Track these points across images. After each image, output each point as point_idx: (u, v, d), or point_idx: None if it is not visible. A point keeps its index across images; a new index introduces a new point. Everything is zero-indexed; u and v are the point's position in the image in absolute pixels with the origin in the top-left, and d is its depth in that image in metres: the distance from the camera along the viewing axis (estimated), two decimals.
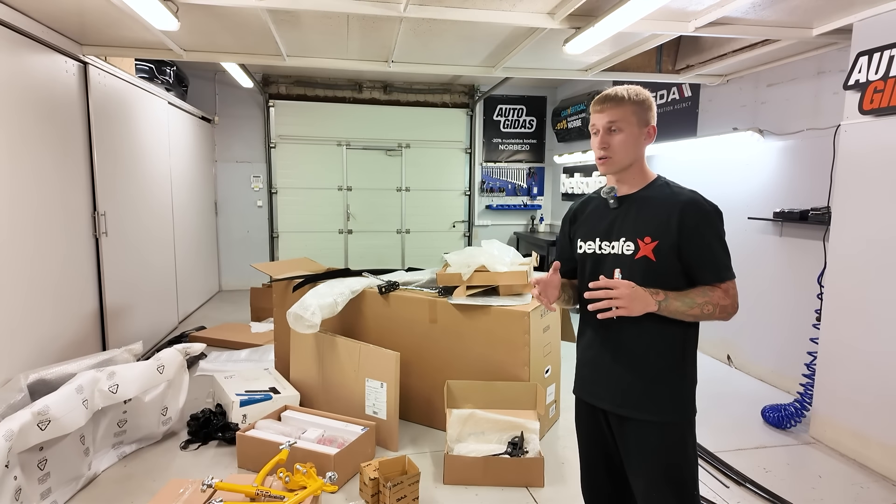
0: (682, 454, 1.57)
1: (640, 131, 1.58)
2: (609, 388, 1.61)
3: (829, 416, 3.17)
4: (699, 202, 1.53)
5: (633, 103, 1.56)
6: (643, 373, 1.55)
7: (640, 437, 1.56)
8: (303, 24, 3.25)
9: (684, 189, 1.58)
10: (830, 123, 3.42)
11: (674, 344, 1.55)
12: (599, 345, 1.63)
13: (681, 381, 1.57)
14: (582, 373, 1.72)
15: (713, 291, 1.50)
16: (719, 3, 2.81)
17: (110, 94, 4.01)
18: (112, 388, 2.78)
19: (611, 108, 1.56)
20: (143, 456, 3.01)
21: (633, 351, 1.56)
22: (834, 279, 3.14)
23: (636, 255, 1.53)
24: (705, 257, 1.51)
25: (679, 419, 1.56)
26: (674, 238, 1.50)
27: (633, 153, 1.58)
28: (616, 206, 1.61)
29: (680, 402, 1.57)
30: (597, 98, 1.61)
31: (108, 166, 3.97)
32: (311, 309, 3.17)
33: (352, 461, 2.76)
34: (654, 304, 1.46)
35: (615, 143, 1.56)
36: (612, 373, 1.60)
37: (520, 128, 7.82)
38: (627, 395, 1.57)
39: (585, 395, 1.70)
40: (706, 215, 1.52)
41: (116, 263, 4.07)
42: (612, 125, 1.55)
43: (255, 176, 7.31)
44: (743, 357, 4.41)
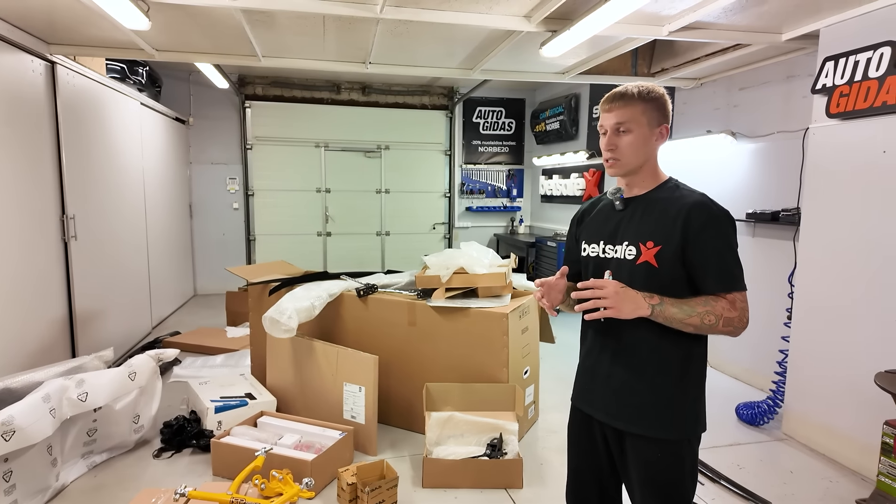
0: (679, 473, 1.49)
1: (651, 132, 1.48)
2: (604, 398, 1.55)
3: (801, 413, 3.24)
4: (708, 205, 1.44)
5: (643, 102, 1.46)
6: (639, 386, 1.48)
7: (635, 451, 1.51)
8: (278, 24, 3.22)
9: (694, 191, 1.50)
10: (800, 126, 3.50)
11: (675, 358, 1.47)
12: (598, 352, 1.57)
13: (681, 397, 1.48)
14: (580, 380, 1.66)
15: (717, 301, 1.39)
16: (692, 7, 2.86)
17: (80, 94, 3.91)
18: (81, 397, 2.70)
19: (619, 108, 1.47)
20: (114, 465, 2.93)
21: (631, 362, 1.49)
22: (804, 278, 3.22)
23: (637, 260, 1.45)
24: (710, 264, 1.41)
25: (677, 437, 1.48)
26: (677, 243, 1.41)
27: (642, 155, 1.49)
28: (622, 209, 1.54)
29: (678, 420, 1.48)
30: (606, 97, 1.52)
31: (78, 168, 3.87)
32: (288, 313, 3.12)
33: (329, 466, 2.73)
34: (646, 307, 1.37)
35: (623, 144, 1.48)
36: (609, 383, 1.53)
37: (499, 130, 7.85)
38: (622, 407, 1.51)
39: (581, 403, 1.64)
40: (714, 219, 1.42)
41: (86, 268, 3.97)
42: (619, 126, 1.47)
43: (231, 178, 7.20)
44: (718, 356, 4.48)
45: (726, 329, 1.40)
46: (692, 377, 1.51)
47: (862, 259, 2.84)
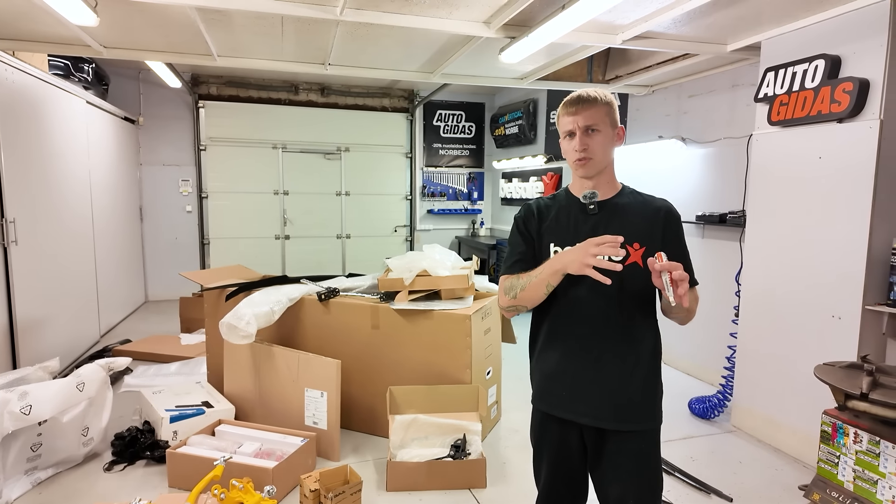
0: (657, 459, 1.61)
1: (613, 132, 1.57)
2: (591, 401, 1.54)
3: (748, 406, 3.40)
4: (674, 211, 1.60)
5: (605, 104, 1.55)
6: (630, 383, 1.53)
7: (620, 447, 1.54)
8: (235, 24, 3.15)
9: (654, 196, 1.63)
10: (744, 133, 3.68)
11: (652, 352, 1.57)
12: (581, 356, 1.55)
13: (657, 388, 1.60)
14: (552, 387, 1.61)
15: (692, 292, 1.53)
16: (643, 18, 2.97)
17: (19, 91, 3.71)
18: (24, 410, 2.57)
19: (586, 110, 1.53)
20: (61, 481, 2.79)
21: (619, 363, 1.52)
22: (749, 277, 3.38)
23: (626, 261, 1.49)
24: (685, 262, 1.52)
25: (657, 425, 1.59)
26: (658, 245, 1.50)
27: (609, 154, 1.58)
28: (595, 212, 1.56)
29: (658, 409, 1.60)
30: (568, 100, 1.57)
31: (18, 170, 3.67)
32: (246, 318, 3.06)
33: (291, 474, 2.68)
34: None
35: (594, 144, 1.53)
36: (595, 386, 1.53)
37: (459, 133, 7.91)
38: (612, 407, 1.52)
39: (557, 410, 1.60)
40: (680, 223, 1.60)
41: (28, 274, 3.76)
42: (590, 126, 1.52)
43: (184, 180, 6.98)
44: (671, 352, 4.65)
45: (691, 316, 1.56)
46: (658, 366, 1.62)
47: (802, 258, 3.01)
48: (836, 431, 2.33)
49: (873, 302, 2.69)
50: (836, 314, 2.84)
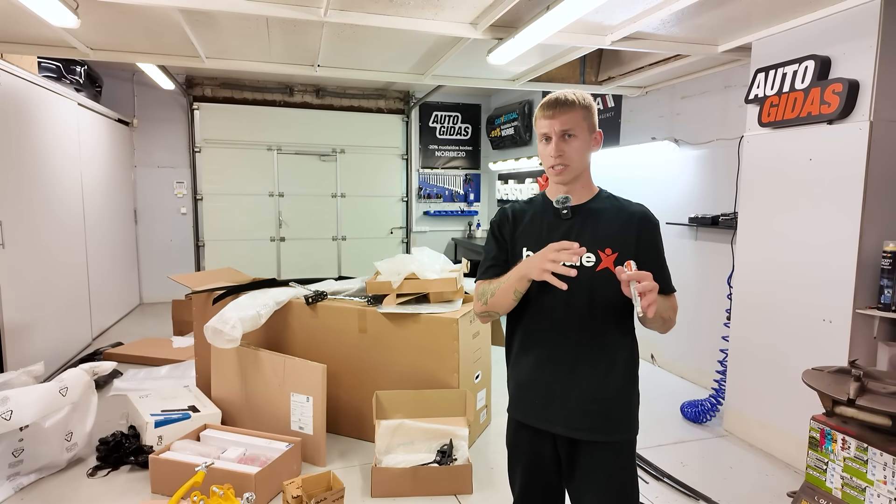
0: (632, 469, 1.57)
1: (590, 137, 1.52)
2: (563, 411, 1.50)
3: (740, 410, 3.36)
4: (650, 215, 1.56)
5: (582, 108, 1.50)
6: (604, 393, 1.49)
7: (593, 458, 1.51)
8: (220, 25, 3.13)
9: (632, 202, 1.58)
10: (736, 134, 3.65)
11: (628, 360, 1.54)
12: (554, 365, 1.52)
13: (632, 398, 1.56)
14: (526, 396, 1.58)
15: (670, 299, 1.52)
16: (631, 19, 2.94)
17: (7, 93, 3.69)
18: (5, 415, 2.55)
19: (563, 114, 1.48)
20: (43, 487, 2.77)
21: (593, 372, 1.49)
22: (741, 280, 3.35)
23: (597, 266, 1.47)
24: (658, 269, 1.46)
25: (631, 436, 1.56)
26: (632, 251, 1.46)
27: (586, 159, 1.53)
28: (569, 217, 1.52)
29: (632, 420, 1.56)
30: (545, 103, 1.52)
31: (6, 172, 3.65)
32: (232, 322, 3.03)
33: (275, 480, 2.65)
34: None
35: (571, 149, 1.48)
36: (568, 395, 1.50)
37: (455, 134, 7.89)
38: (585, 417, 1.49)
39: (529, 418, 1.57)
40: (656, 229, 1.56)
41: (15, 277, 3.74)
42: (566, 132, 1.48)
43: (179, 182, 6.96)
44: (665, 356, 4.62)
45: (670, 325, 1.52)
46: (636, 377, 1.59)
47: (793, 261, 2.98)
48: (824, 437, 2.29)
49: (864, 305, 2.65)
50: (826, 318, 2.80)
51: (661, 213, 4.32)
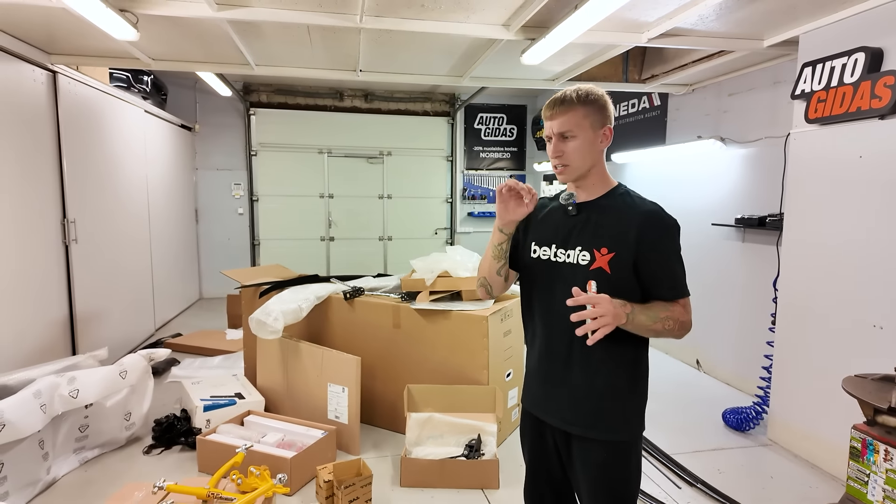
0: (625, 472, 1.53)
1: (595, 134, 1.47)
2: (558, 403, 1.54)
3: (785, 419, 3.23)
4: (661, 215, 1.46)
5: (583, 105, 1.45)
6: (594, 391, 1.49)
7: (584, 454, 1.52)
8: (265, 34, 3.32)
9: (646, 200, 1.50)
10: (785, 132, 3.50)
11: (626, 362, 1.50)
12: (551, 359, 1.55)
13: (630, 400, 1.52)
14: (530, 385, 1.65)
15: (673, 307, 1.44)
16: (668, 15, 2.89)
17: (81, 102, 4.05)
18: (72, 393, 2.80)
19: (560, 114, 1.46)
20: (104, 461, 3.02)
21: (587, 369, 1.49)
22: (786, 284, 3.21)
23: (591, 265, 1.45)
24: (664, 273, 1.45)
25: (626, 438, 1.51)
26: (632, 251, 1.42)
27: (589, 159, 1.49)
28: (575, 214, 1.52)
29: (628, 422, 1.51)
30: (547, 103, 1.50)
31: (79, 174, 4.01)
32: (274, 314, 3.20)
33: (309, 465, 2.79)
34: (623, 316, 1.36)
35: (569, 150, 1.47)
36: (562, 389, 1.53)
37: (500, 136, 7.91)
38: (577, 413, 1.51)
39: (533, 407, 1.63)
40: (667, 229, 1.45)
41: (87, 270, 4.09)
42: (564, 132, 1.46)
43: (237, 183, 7.34)
44: (710, 361, 4.47)
45: (680, 332, 1.45)
46: (640, 379, 1.54)
47: (841, 264, 2.84)
48: (865, 448, 2.18)
49: None
50: (877, 324, 2.66)
51: (706, 213, 4.28)
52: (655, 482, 2.84)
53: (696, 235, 4.46)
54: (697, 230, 4.45)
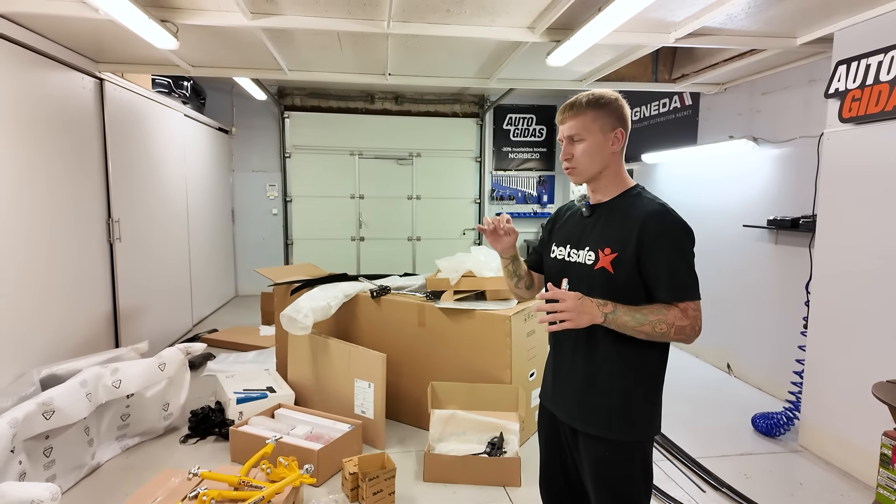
0: (628, 472, 1.53)
1: (606, 137, 1.50)
2: (565, 398, 1.60)
3: (816, 425, 3.15)
4: (663, 215, 1.45)
5: (593, 109, 1.49)
6: (595, 388, 1.52)
7: (588, 450, 1.56)
8: (296, 40, 3.44)
9: (655, 201, 1.50)
10: (820, 131, 3.42)
11: (630, 362, 1.50)
12: (562, 352, 1.61)
13: (635, 401, 1.51)
14: (545, 380, 1.73)
15: (669, 310, 1.41)
16: (695, 14, 2.87)
17: (125, 107, 4.26)
18: (115, 383, 2.97)
19: (570, 118, 1.51)
20: (144, 449, 3.18)
21: (590, 366, 1.53)
22: (819, 287, 3.14)
23: (595, 265, 1.49)
24: (662, 273, 1.43)
25: (629, 439, 1.51)
26: (632, 251, 1.44)
27: (598, 161, 1.52)
28: (588, 215, 1.57)
29: (631, 422, 1.51)
30: (560, 107, 1.57)
31: (123, 176, 4.21)
32: (304, 311, 3.31)
33: (336, 457, 2.87)
34: (599, 315, 1.40)
35: (578, 153, 1.51)
36: (569, 384, 1.58)
37: (530, 136, 7.90)
38: (580, 408, 1.55)
39: (547, 401, 1.70)
40: (668, 229, 1.44)
41: (130, 268, 4.30)
42: (573, 136, 1.51)
43: (271, 185, 7.56)
44: (742, 365, 4.38)
45: (678, 337, 1.42)
46: (647, 380, 1.54)
47: (877, 267, 2.76)
48: None
49: None
50: None
51: (738, 214, 4.22)
52: (679, 485, 2.83)
53: (728, 237, 4.39)
54: (728, 231, 4.37)
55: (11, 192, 3.01)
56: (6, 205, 2.96)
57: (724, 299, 4.41)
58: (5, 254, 2.95)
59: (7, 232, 2.97)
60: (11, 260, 3.00)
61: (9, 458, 2.35)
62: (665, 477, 2.90)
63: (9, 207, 2.98)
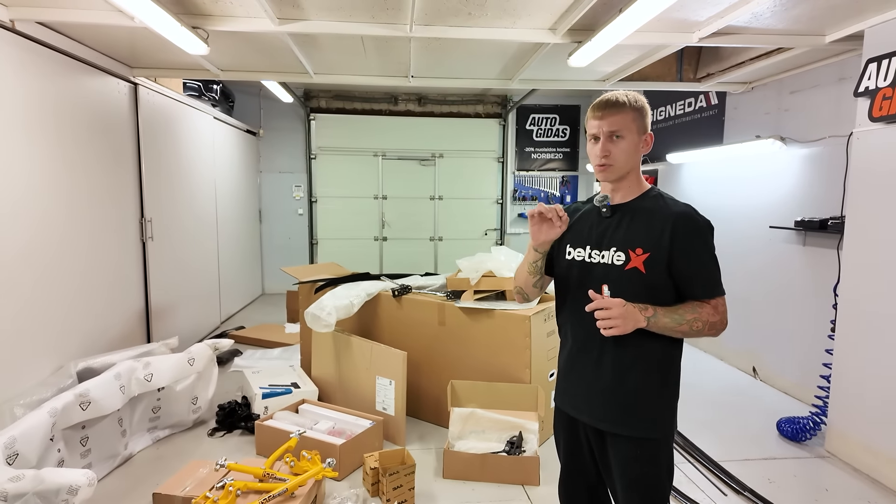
0: (655, 469, 1.56)
1: (639, 139, 1.54)
2: (589, 401, 1.60)
3: (844, 430, 3.09)
4: (693, 216, 1.50)
5: (633, 109, 1.52)
6: (624, 389, 1.54)
7: (618, 451, 1.57)
8: (322, 45, 3.52)
9: (678, 202, 1.54)
10: (850, 131, 3.35)
11: (656, 361, 1.53)
12: (582, 357, 1.61)
13: (659, 399, 1.55)
14: (563, 383, 1.71)
15: (702, 308, 1.47)
16: (719, 14, 2.84)
17: (158, 111, 4.41)
18: (147, 377, 3.08)
19: (612, 115, 1.51)
20: (174, 440, 3.30)
21: (619, 367, 1.54)
22: (847, 289, 3.08)
23: (626, 265, 1.50)
24: (697, 272, 1.48)
25: (654, 436, 1.54)
26: (665, 251, 1.47)
27: (632, 161, 1.55)
28: (609, 215, 1.58)
29: (656, 420, 1.54)
30: (596, 103, 1.55)
31: (155, 176, 4.36)
32: (328, 309, 3.38)
33: (357, 452, 2.93)
34: (643, 320, 1.44)
35: (617, 150, 1.52)
36: (593, 386, 1.58)
37: (553, 136, 7.88)
38: (607, 409, 1.56)
39: (565, 406, 1.69)
40: (699, 229, 1.49)
41: (161, 266, 4.45)
42: (614, 132, 1.51)
43: (297, 185, 7.70)
44: (768, 369, 4.30)
45: (710, 332, 1.47)
46: (671, 378, 1.57)
47: None
48: None
49: None
50: None
51: (764, 215, 4.15)
52: (700, 488, 2.80)
53: (754, 238, 4.32)
54: (755, 233, 4.30)
55: (53, 192, 3.15)
56: (49, 205, 3.11)
57: (750, 301, 4.34)
58: (47, 252, 3.09)
59: (48, 231, 3.11)
60: (52, 258, 3.14)
61: (48, 445, 2.47)
62: (686, 479, 2.88)
63: (50, 207, 3.13)
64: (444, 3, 2.73)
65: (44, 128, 3.09)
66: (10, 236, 2.82)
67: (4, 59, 2.77)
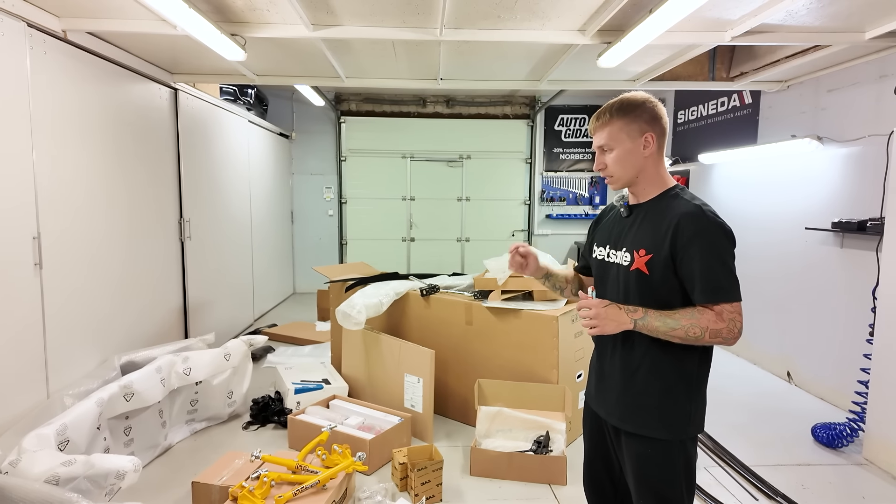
0: (669, 472, 1.53)
1: (635, 143, 1.51)
2: (607, 397, 1.64)
3: (883, 437, 3.01)
4: (698, 215, 1.44)
5: (618, 118, 1.51)
6: (631, 390, 1.56)
7: (629, 448, 1.59)
8: (354, 49, 3.60)
9: (692, 202, 1.48)
10: (891, 130, 3.26)
11: (670, 363, 1.51)
12: (602, 352, 1.66)
13: (675, 401, 1.52)
14: (590, 378, 1.77)
15: (702, 314, 1.41)
16: (752, 12, 2.81)
17: (196, 115, 4.58)
18: (186, 371, 3.21)
19: (598, 129, 1.56)
20: (210, 433, 3.42)
21: (628, 365, 1.56)
22: (887, 292, 2.99)
23: (631, 266, 1.52)
24: (697, 275, 1.42)
25: (669, 437, 1.52)
26: (666, 252, 1.45)
27: (631, 167, 1.54)
28: (627, 216, 1.61)
29: (671, 422, 1.52)
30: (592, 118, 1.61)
31: (193, 178, 4.52)
32: (358, 307, 3.46)
33: (386, 447, 3.00)
34: (628, 321, 1.45)
35: (609, 162, 1.55)
36: (610, 384, 1.62)
37: (581, 137, 7.83)
38: (619, 406, 1.59)
39: (590, 401, 1.75)
40: (702, 230, 1.43)
41: (198, 264, 4.61)
42: (603, 146, 1.55)
43: (328, 187, 7.84)
44: (803, 374, 4.20)
45: (714, 340, 1.42)
46: (687, 379, 1.53)
47: None
48: None
49: None
50: None
51: (800, 217, 4.07)
52: (730, 491, 2.77)
53: (789, 240, 4.23)
54: (790, 235, 4.21)
55: (100, 193, 3.31)
56: (94, 205, 3.27)
57: (785, 305, 4.25)
58: (94, 251, 3.25)
59: (95, 230, 3.27)
60: (98, 257, 3.30)
61: (95, 434, 2.60)
62: (715, 482, 2.85)
63: (95, 207, 3.29)
64: (474, 7, 2.77)
65: (93, 132, 3.25)
66: (69, 233, 2.99)
67: (58, 67, 2.93)
